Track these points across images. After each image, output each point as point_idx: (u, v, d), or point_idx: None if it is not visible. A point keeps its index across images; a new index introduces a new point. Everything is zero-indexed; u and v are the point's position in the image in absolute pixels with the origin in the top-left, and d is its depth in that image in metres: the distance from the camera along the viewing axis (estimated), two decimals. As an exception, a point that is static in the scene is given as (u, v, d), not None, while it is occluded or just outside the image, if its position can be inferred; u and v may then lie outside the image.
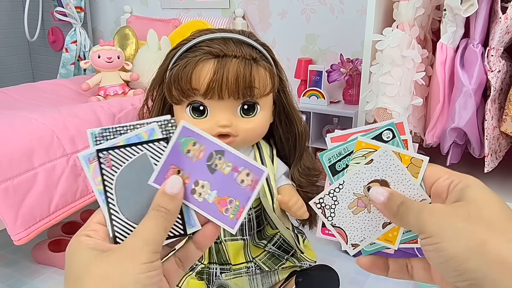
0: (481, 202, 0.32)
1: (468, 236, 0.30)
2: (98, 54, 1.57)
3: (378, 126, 0.38)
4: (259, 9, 1.97)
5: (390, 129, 0.38)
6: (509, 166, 1.35)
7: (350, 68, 1.67)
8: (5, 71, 2.78)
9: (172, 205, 0.35)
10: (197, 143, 0.38)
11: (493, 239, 0.30)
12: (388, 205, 0.36)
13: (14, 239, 1.02)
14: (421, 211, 0.33)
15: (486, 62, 1.06)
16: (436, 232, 0.31)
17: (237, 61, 0.76)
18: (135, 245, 0.33)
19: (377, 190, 0.37)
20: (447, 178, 0.36)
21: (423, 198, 0.37)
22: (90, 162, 0.36)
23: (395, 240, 0.38)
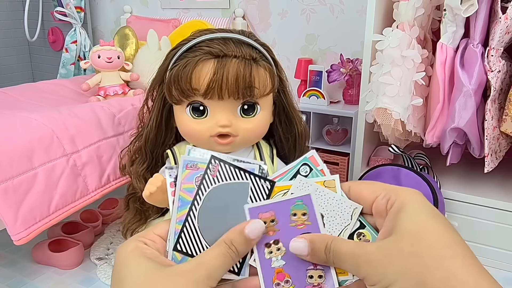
0: (413, 233, 0.31)
1: (407, 279, 0.30)
2: (98, 54, 1.57)
3: (292, 166, 0.37)
4: (259, 9, 1.97)
5: (306, 164, 0.37)
6: (509, 166, 1.35)
7: (350, 68, 1.67)
8: (5, 71, 2.78)
9: (244, 248, 0.34)
10: (307, 215, 0.36)
11: (430, 277, 0.29)
12: (315, 255, 0.34)
13: (14, 239, 1.02)
14: (357, 262, 0.32)
15: (486, 62, 1.06)
16: (378, 281, 0.31)
17: (237, 61, 0.76)
18: (198, 276, 0.32)
19: (296, 244, 0.35)
20: (384, 196, 0.34)
21: (355, 207, 0.36)
22: (187, 168, 0.36)
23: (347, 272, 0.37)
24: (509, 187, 1.28)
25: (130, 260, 0.32)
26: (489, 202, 1.21)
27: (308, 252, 0.34)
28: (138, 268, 0.32)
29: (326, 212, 0.36)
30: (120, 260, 0.33)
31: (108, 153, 1.24)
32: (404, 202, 0.33)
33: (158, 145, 0.94)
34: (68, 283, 1.25)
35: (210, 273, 0.32)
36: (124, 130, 1.32)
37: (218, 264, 0.33)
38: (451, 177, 1.35)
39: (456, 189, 1.27)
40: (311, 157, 0.37)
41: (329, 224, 0.36)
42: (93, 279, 1.26)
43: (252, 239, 0.34)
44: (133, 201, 0.99)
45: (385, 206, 0.34)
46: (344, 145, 1.70)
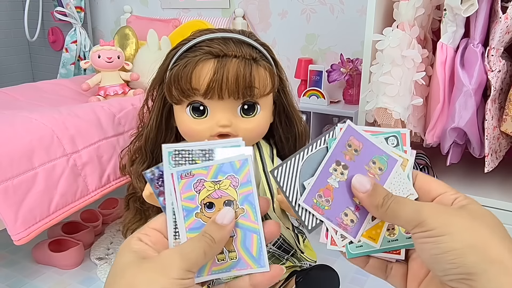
0: (482, 212, 0.33)
1: (472, 234, 0.31)
2: (98, 54, 1.57)
3: (383, 131, 0.38)
4: (259, 9, 1.97)
5: (395, 136, 0.38)
6: (509, 166, 1.35)
7: (350, 68, 1.67)
8: (5, 71, 2.78)
9: (218, 235, 0.35)
10: (382, 172, 0.38)
11: (495, 242, 0.31)
12: (373, 196, 0.35)
13: (14, 239, 1.02)
14: (421, 206, 0.34)
15: (486, 62, 1.06)
16: (438, 226, 0.32)
17: (237, 61, 0.76)
18: (170, 259, 0.33)
19: (360, 179, 0.36)
20: (453, 193, 0.36)
21: (411, 193, 0.37)
22: (182, 177, 0.36)
23: (378, 238, 0.38)
24: (509, 187, 1.28)
25: (119, 255, 0.35)
26: (489, 202, 1.21)
27: (368, 189, 0.36)
28: (121, 261, 0.34)
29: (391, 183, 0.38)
30: (116, 254, 0.37)
31: (108, 153, 1.24)
32: (471, 201, 0.35)
33: (158, 145, 0.93)
34: (68, 283, 1.25)
35: (184, 256, 0.33)
36: (124, 130, 1.32)
37: (192, 247, 0.34)
38: (451, 177, 1.35)
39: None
40: (403, 134, 0.38)
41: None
42: (93, 279, 1.26)
43: (224, 224, 0.35)
44: (133, 201, 0.99)
45: (451, 202, 0.36)
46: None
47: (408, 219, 0.34)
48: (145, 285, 0.32)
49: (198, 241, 0.35)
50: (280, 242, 0.95)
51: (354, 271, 1.27)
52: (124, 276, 0.33)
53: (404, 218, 0.34)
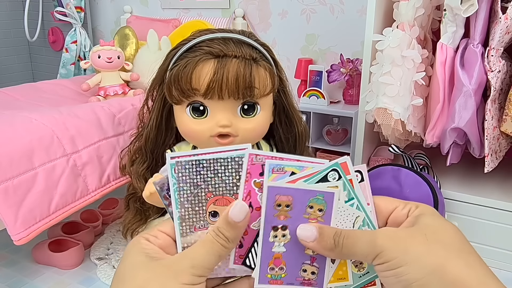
0: (435, 226, 0.32)
1: (428, 260, 0.30)
2: (98, 54, 1.57)
3: (321, 168, 0.35)
4: (259, 9, 1.97)
5: (335, 170, 0.36)
6: (509, 166, 1.35)
7: (350, 68, 1.67)
8: (5, 71, 2.78)
9: (232, 233, 0.34)
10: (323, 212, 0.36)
11: (452, 262, 0.30)
12: (323, 241, 0.34)
13: (14, 239, 1.02)
14: (375, 237, 0.32)
15: (486, 62, 1.06)
16: (396, 257, 0.31)
17: (237, 61, 0.76)
18: (181, 264, 0.33)
19: (304, 229, 0.34)
20: (404, 207, 0.35)
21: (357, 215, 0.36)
22: (274, 172, 0.35)
23: (347, 275, 0.36)
24: (509, 187, 1.28)
25: (128, 254, 0.34)
26: (489, 202, 1.21)
27: (315, 237, 0.34)
28: (129, 262, 0.33)
29: (336, 218, 0.36)
30: (124, 253, 0.35)
31: (108, 153, 1.24)
32: (424, 210, 0.34)
33: (158, 145, 0.94)
34: (68, 283, 1.25)
35: (195, 262, 0.33)
36: (124, 130, 1.32)
37: (204, 252, 0.33)
38: (451, 177, 1.35)
39: (456, 189, 1.27)
40: (343, 163, 0.36)
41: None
42: (93, 279, 1.26)
43: (237, 222, 0.34)
44: (133, 201, 0.99)
45: (406, 216, 0.35)
46: (344, 145, 1.70)
47: (365, 253, 0.33)
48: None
49: (210, 244, 0.33)
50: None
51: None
52: (136, 277, 0.32)
53: (360, 253, 0.33)
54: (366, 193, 0.36)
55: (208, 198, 0.36)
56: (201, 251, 0.33)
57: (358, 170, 0.36)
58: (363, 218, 0.36)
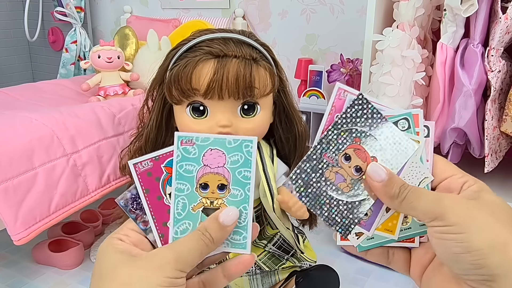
0: (499, 206, 0.32)
1: (493, 233, 0.30)
2: (98, 54, 1.57)
3: (394, 113, 0.36)
4: (259, 9, 1.97)
5: (406, 119, 0.36)
6: (509, 166, 1.35)
7: (350, 68, 1.67)
8: (5, 71, 2.78)
9: (218, 234, 0.34)
10: None
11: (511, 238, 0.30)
12: (389, 186, 0.34)
13: (14, 239, 1.02)
14: (441, 198, 0.32)
15: (486, 62, 1.06)
16: (459, 223, 0.30)
17: (237, 61, 0.76)
18: (165, 258, 0.33)
19: (375, 167, 0.34)
20: (461, 177, 0.35)
21: (425, 176, 0.36)
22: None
23: (395, 230, 0.36)
24: (509, 187, 1.28)
25: (103, 256, 0.34)
26: (489, 202, 1.21)
27: (383, 178, 0.34)
28: (106, 262, 0.33)
29: (406, 169, 0.36)
30: (97, 257, 0.35)
31: (108, 153, 1.24)
32: (483, 187, 0.34)
33: (158, 145, 0.93)
34: (68, 283, 1.25)
35: (179, 257, 0.33)
36: (124, 130, 1.32)
37: (188, 248, 0.33)
38: (451, 177, 1.35)
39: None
40: (415, 114, 0.36)
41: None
42: (93, 279, 1.26)
43: (227, 225, 0.34)
44: (133, 201, 0.99)
45: (460, 186, 0.34)
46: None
47: (426, 211, 0.32)
48: (140, 283, 0.31)
49: (196, 241, 0.34)
50: (280, 242, 0.95)
51: (354, 271, 1.27)
52: (116, 275, 0.32)
53: (421, 209, 0.32)
54: (428, 149, 0.36)
55: (354, 142, 0.36)
56: (185, 247, 0.33)
57: (426, 126, 0.37)
58: (430, 180, 0.36)
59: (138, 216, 0.37)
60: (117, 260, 0.33)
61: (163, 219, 0.36)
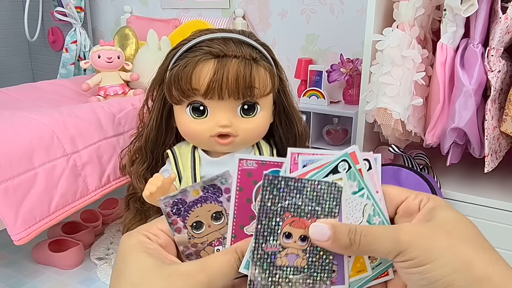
0: (454, 221, 0.32)
1: (454, 256, 0.30)
2: (98, 54, 1.57)
3: (332, 159, 0.35)
4: (259, 9, 1.97)
5: (344, 160, 0.35)
6: (509, 166, 1.35)
7: (350, 68, 1.67)
8: (5, 71, 2.78)
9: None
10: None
11: (478, 258, 0.30)
12: (337, 239, 0.32)
13: (14, 239, 1.02)
14: (398, 235, 0.31)
15: (486, 62, 1.06)
16: (421, 254, 0.30)
17: (237, 61, 0.76)
18: (197, 281, 0.31)
19: (317, 228, 0.33)
20: (415, 197, 0.34)
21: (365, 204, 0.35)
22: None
23: (365, 267, 0.36)
24: (509, 187, 1.28)
25: (131, 255, 0.32)
26: (489, 202, 1.21)
27: (329, 235, 0.33)
28: (137, 264, 0.31)
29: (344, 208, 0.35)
30: (122, 253, 0.32)
31: (108, 153, 1.24)
32: (438, 203, 0.33)
33: (158, 145, 0.94)
34: (68, 283, 1.25)
35: (212, 280, 0.31)
36: (124, 130, 1.32)
37: (223, 272, 0.32)
38: (451, 177, 1.35)
39: (456, 189, 1.27)
40: (352, 153, 0.35)
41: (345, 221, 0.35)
42: (93, 279, 1.26)
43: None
44: (133, 201, 0.99)
45: (417, 206, 0.34)
46: (344, 145, 1.70)
47: (386, 251, 0.31)
48: None
49: (231, 266, 0.32)
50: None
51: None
52: (151, 285, 0.30)
53: (380, 250, 0.32)
54: (375, 181, 0.36)
55: (286, 218, 0.34)
56: (220, 270, 0.32)
57: (366, 159, 0.36)
58: (372, 205, 0.35)
59: (174, 221, 0.35)
60: (149, 265, 0.31)
61: (242, 222, 0.35)
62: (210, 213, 0.36)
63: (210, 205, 0.35)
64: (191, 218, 0.35)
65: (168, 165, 0.91)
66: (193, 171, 0.88)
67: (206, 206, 0.35)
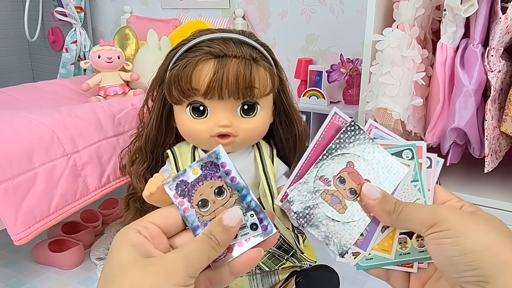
0: (493, 219, 0.34)
1: (487, 237, 0.32)
2: (98, 54, 1.57)
3: (399, 143, 0.38)
4: (259, 9, 1.97)
5: (410, 150, 0.38)
6: (509, 166, 1.35)
7: (350, 68, 1.67)
8: (5, 71, 2.78)
9: (223, 236, 0.34)
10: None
11: (507, 246, 0.32)
12: (384, 202, 0.36)
13: (14, 239, 1.02)
14: (437, 208, 0.34)
15: (486, 62, 1.06)
16: (455, 227, 0.32)
17: (237, 61, 0.77)
18: (175, 264, 0.32)
19: (369, 187, 0.36)
20: (459, 201, 0.37)
21: (417, 198, 0.37)
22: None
23: (391, 249, 0.38)
24: (509, 187, 1.28)
25: (116, 248, 0.33)
26: (489, 202, 1.21)
27: (378, 196, 0.36)
28: (118, 257, 0.32)
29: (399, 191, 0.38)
30: (112, 247, 0.34)
31: (108, 153, 1.24)
32: (478, 210, 0.36)
33: (158, 145, 0.94)
34: (68, 283, 1.25)
35: (189, 263, 0.32)
36: (124, 130, 1.32)
37: (197, 253, 0.33)
38: (451, 177, 1.35)
39: (456, 189, 1.27)
40: (419, 146, 0.38)
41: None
42: (93, 279, 1.26)
43: (231, 227, 0.34)
44: (133, 201, 0.99)
45: (459, 208, 0.37)
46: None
47: (423, 220, 0.34)
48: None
49: (203, 245, 0.33)
50: (280, 242, 0.95)
51: (354, 272, 1.27)
52: (127, 277, 0.31)
53: (418, 220, 0.34)
54: (430, 180, 0.38)
55: (348, 166, 0.38)
56: (194, 251, 0.33)
57: (429, 157, 0.38)
58: (422, 202, 0.38)
59: (180, 202, 0.36)
60: (129, 257, 0.32)
61: (309, 166, 0.38)
62: (213, 189, 0.36)
63: (211, 181, 0.36)
64: (196, 197, 0.36)
65: (168, 165, 0.91)
66: (193, 171, 0.88)
67: (208, 183, 0.36)
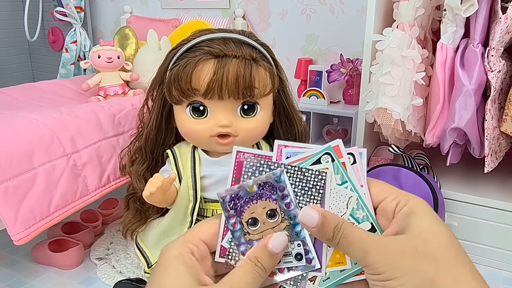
0: (427, 234, 0.32)
1: (416, 275, 0.30)
2: (98, 54, 1.57)
3: (315, 151, 0.36)
4: (259, 9, 1.97)
5: (328, 154, 0.36)
6: (509, 166, 1.35)
7: (350, 68, 1.67)
8: (5, 71, 2.78)
9: (270, 262, 0.34)
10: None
11: (440, 277, 0.30)
12: (323, 230, 0.34)
13: (14, 239, 1.02)
14: (367, 248, 0.32)
15: (486, 62, 1.06)
16: (386, 270, 0.31)
17: (237, 61, 0.77)
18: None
19: (307, 212, 0.34)
20: (393, 198, 0.35)
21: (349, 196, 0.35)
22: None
23: (344, 259, 0.36)
24: (509, 187, 1.28)
25: (171, 268, 0.32)
26: (489, 202, 1.21)
27: (317, 224, 0.33)
28: (173, 277, 0.32)
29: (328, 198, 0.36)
30: (163, 263, 0.33)
31: (108, 153, 1.24)
32: (414, 207, 0.33)
33: (158, 145, 0.94)
34: (68, 283, 1.25)
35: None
36: (124, 130, 1.32)
37: (246, 282, 0.33)
38: (451, 177, 1.35)
39: (456, 189, 1.27)
40: (335, 146, 0.36)
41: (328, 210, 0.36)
42: (93, 279, 1.26)
43: (276, 252, 0.34)
44: (133, 201, 0.99)
45: (393, 208, 0.34)
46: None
47: (357, 259, 0.33)
48: None
49: (252, 274, 0.33)
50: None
51: None
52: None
53: (352, 256, 0.33)
54: (359, 175, 0.36)
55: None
56: (244, 281, 0.33)
57: (350, 153, 0.36)
58: (356, 199, 0.35)
59: (231, 216, 0.36)
60: (182, 282, 0.31)
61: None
62: (265, 210, 0.36)
63: (265, 202, 0.36)
64: (247, 214, 0.36)
65: (168, 165, 0.91)
66: (193, 171, 0.88)
67: (261, 203, 0.36)
